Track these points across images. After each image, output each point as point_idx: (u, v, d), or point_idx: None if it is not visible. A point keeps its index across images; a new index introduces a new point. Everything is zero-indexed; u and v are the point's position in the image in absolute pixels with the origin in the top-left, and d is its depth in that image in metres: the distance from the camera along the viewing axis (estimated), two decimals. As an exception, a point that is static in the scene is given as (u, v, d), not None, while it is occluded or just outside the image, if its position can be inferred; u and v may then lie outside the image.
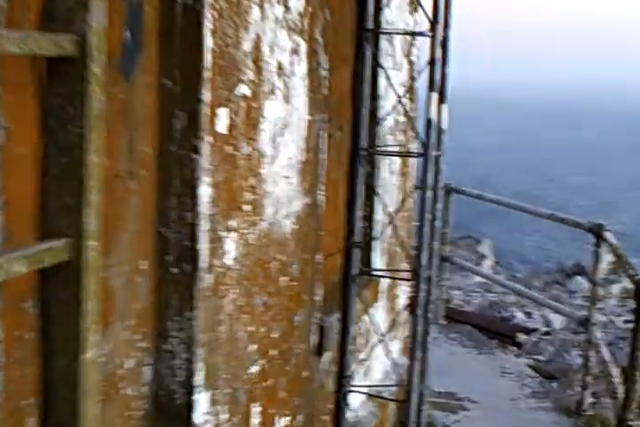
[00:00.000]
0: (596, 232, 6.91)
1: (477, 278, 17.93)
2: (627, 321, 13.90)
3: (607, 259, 17.39)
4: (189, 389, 2.75)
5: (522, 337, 9.93)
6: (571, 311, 8.56)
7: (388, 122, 5.21)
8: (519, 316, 11.62)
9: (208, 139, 2.73)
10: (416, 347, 4.43)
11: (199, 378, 2.78)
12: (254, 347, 3.26)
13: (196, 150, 2.70)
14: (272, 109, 3.32)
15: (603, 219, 7.14)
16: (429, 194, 4.30)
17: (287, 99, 3.49)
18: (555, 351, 9.82)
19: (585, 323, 6.89)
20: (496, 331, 9.65)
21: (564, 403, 7.07)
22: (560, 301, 14.80)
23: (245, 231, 3.12)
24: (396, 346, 5.89)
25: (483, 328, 9.49)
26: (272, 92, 3.32)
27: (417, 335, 4.46)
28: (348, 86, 4.69)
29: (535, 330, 10.66)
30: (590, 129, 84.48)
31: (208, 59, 2.72)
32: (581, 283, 17.73)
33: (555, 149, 70.50)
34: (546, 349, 10.05)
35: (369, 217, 5.22)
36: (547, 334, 11.08)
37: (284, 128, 3.47)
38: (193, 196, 2.71)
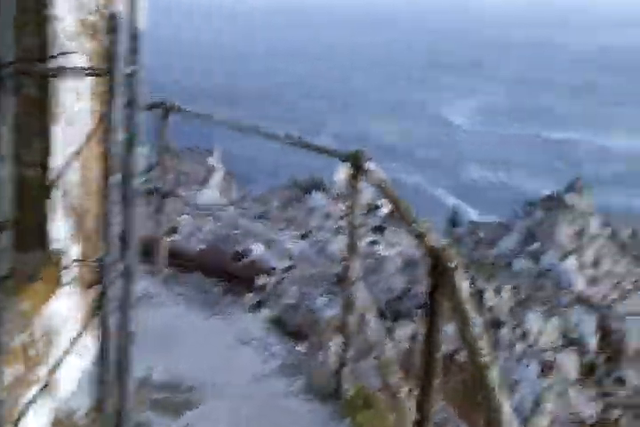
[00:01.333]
0: (354, 162, 5.32)
1: (210, 193, 16.48)
2: (371, 242, 13.03)
3: (343, 172, 16.71)
4: None
5: (262, 280, 8.60)
6: (322, 269, 7.29)
7: (65, 24, 3.50)
8: (257, 249, 10.23)
9: None
10: (106, 385, 2.84)
11: None
12: None
13: None
14: None
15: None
16: (117, 138, 2.64)
17: None
18: (298, 294, 8.61)
19: (341, 280, 5.46)
20: (231, 277, 8.19)
21: (318, 380, 5.69)
22: (298, 223, 13.80)
23: None
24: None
25: (215, 274, 8.00)
26: None
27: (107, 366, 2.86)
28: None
29: (274, 269, 9.31)
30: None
31: None
32: (319, 199, 17.04)
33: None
34: (288, 290, 8.81)
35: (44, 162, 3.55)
36: (288, 269, 9.86)
37: None
38: None
